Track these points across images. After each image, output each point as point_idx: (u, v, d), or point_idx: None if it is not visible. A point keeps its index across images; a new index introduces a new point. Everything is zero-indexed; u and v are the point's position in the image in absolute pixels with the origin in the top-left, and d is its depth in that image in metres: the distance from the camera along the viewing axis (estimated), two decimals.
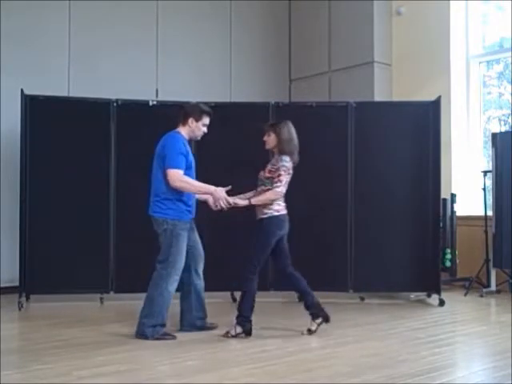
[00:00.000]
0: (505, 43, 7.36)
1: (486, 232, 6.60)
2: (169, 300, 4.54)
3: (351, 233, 6.09)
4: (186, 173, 4.56)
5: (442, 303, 5.85)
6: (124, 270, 5.97)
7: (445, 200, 6.49)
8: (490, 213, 6.62)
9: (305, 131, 6.05)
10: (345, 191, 6.09)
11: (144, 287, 5.73)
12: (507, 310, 5.60)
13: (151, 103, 6.14)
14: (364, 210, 6.09)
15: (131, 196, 5.86)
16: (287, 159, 4.60)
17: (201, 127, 4.69)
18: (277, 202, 4.61)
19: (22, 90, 5.80)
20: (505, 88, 7.54)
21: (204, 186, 4.60)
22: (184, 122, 4.68)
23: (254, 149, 6.10)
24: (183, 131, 4.69)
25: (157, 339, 4.43)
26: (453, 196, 6.71)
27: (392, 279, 6.05)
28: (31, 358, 3.95)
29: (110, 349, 4.18)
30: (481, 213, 6.78)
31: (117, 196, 6.02)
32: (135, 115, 6.05)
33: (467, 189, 7.37)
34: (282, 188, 4.57)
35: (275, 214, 4.59)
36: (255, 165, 6.07)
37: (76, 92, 6.69)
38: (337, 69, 8.10)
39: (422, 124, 6.11)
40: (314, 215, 6.05)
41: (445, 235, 6.47)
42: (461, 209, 6.84)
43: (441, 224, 6.24)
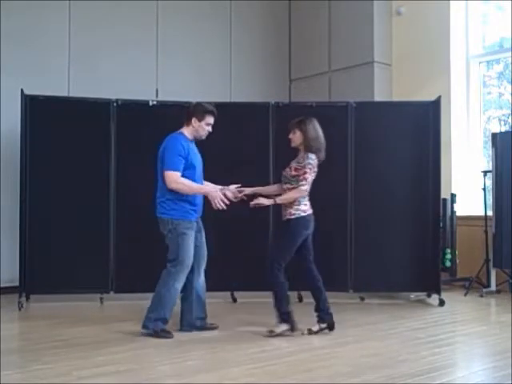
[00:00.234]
0: (505, 43, 7.36)
1: (486, 232, 6.60)
2: (175, 297, 4.61)
3: (351, 233, 6.09)
4: (187, 173, 4.58)
5: (442, 303, 5.85)
6: (124, 270, 5.97)
7: (445, 200, 6.50)
8: (490, 213, 6.63)
9: None
10: (345, 191, 6.09)
11: (144, 287, 5.76)
12: (507, 310, 5.60)
13: (151, 103, 6.14)
14: (364, 210, 6.09)
15: (131, 196, 5.88)
16: (313, 157, 4.61)
17: (204, 127, 4.69)
18: (303, 202, 4.63)
19: (22, 90, 5.80)
20: (505, 88, 7.54)
21: (200, 188, 4.63)
22: (188, 122, 4.71)
23: (254, 149, 6.15)
24: (187, 131, 4.72)
25: (155, 333, 4.49)
26: (453, 196, 6.71)
27: (392, 279, 6.05)
28: (31, 358, 3.95)
29: (110, 349, 4.18)
30: (481, 213, 6.78)
31: (117, 196, 6.02)
32: (135, 115, 6.05)
33: (467, 189, 7.37)
34: (307, 186, 4.60)
35: (302, 215, 4.62)
36: (255, 165, 6.10)
37: (76, 92, 6.69)
38: (337, 69, 8.10)
39: (422, 124, 6.11)
40: (314, 215, 6.04)
41: (445, 235, 6.47)
42: (461, 209, 6.84)
43: (441, 224, 6.24)
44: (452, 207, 6.65)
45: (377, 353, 4.11)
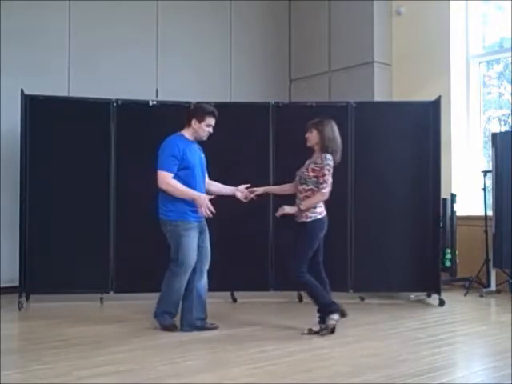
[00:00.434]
0: (505, 43, 7.36)
1: (486, 232, 6.60)
2: (178, 295, 4.68)
3: (351, 233, 6.09)
4: (182, 173, 4.63)
5: (442, 303, 5.85)
6: (124, 270, 5.97)
7: (445, 200, 6.49)
8: (490, 213, 6.63)
9: (305, 131, 6.09)
10: (345, 191, 6.08)
11: (144, 287, 5.77)
12: (507, 310, 5.60)
13: (151, 103, 6.14)
14: (364, 210, 6.09)
15: (131, 196, 5.87)
16: (331, 158, 4.60)
17: (204, 128, 4.71)
18: (319, 204, 4.63)
19: (22, 90, 5.80)
20: (505, 88, 7.54)
21: (187, 192, 4.62)
22: (188, 123, 4.74)
23: (254, 149, 6.15)
24: (187, 132, 4.76)
25: (162, 328, 4.68)
26: (453, 196, 6.71)
27: (392, 279, 6.05)
28: (31, 358, 3.95)
29: (110, 349, 4.18)
30: (481, 213, 6.78)
31: (117, 196, 6.02)
32: (135, 115, 6.05)
33: (467, 189, 7.37)
34: (328, 188, 4.59)
35: (318, 217, 4.62)
36: (255, 165, 6.10)
37: (76, 92, 6.69)
38: (337, 69, 8.09)
39: (422, 124, 6.11)
40: None
41: (445, 235, 6.47)
42: (461, 209, 6.84)
43: (441, 224, 6.24)
44: (452, 207, 6.65)
45: (377, 353, 4.11)
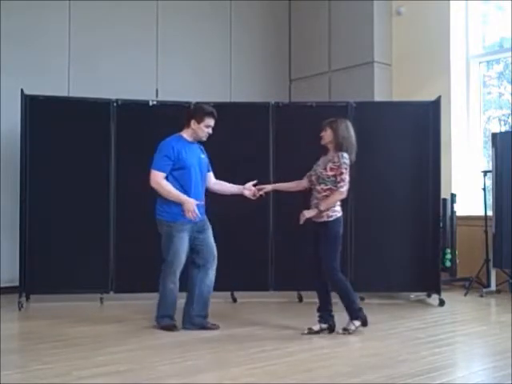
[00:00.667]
0: (505, 43, 7.36)
1: (486, 232, 6.60)
2: (171, 295, 4.71)
3: (351, 233, 6.08)
4: (177, 173, 4.67)
5: (442, 303, 5.85)
6: (124, 270, 5.97)
7: (445, 200, 6.49)
8: (490, 213, 6.63)
9: (305, 131, 6.09)
10: None
11: (144, 287, 5.77)
12: (507, 310, 5.60)
13: (151, 103, 6.14)
14: (364, 210, 6.08)
15: (131, 196, 5.87)
16: (347, 156, 4.62)
17: (204, 129, 4.73)
18: (337, 203, 4.65)
19: (22, 90, 5.79)
20: (505, 88, 7.54)
21: (176, 194, 4.64)
22: (187, 124, 4.77)
23: (254, 149, 6.14)
24: (186, 133, 4.78)
25: (162, 328, 4.69)
26: (453, 196, 6.71)
27: (392, 279, 6.05)
28: (31, 358, 3.95)
29: (110, 349, 4.18)
30: (481, 213, 6.78)
31: (117, 196, 6.02)
32: (135, 115, 6.05)
33: (467, 189, 7.36)
34: (346, 187, 4.60)
35: (338, 216, 4.65)
36: (255, 164, 6.10)
37: (76, 92, 6.69)
38: (337, 69, 8.09)
39: (422, 124, 6.11)
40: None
41: (445, 235, 6.47)
42: (461, 209, 6.84)
43: (441, 224, 6.24)
44: (452, 207, 6.65)
45: (377, 353, 4.11)
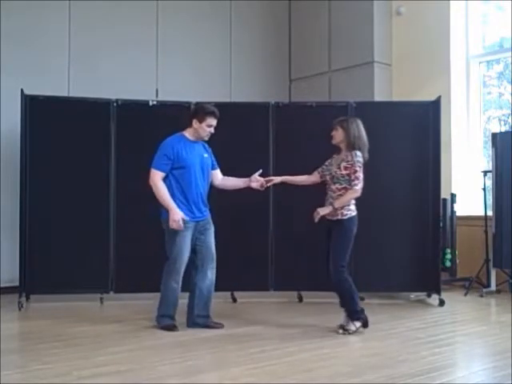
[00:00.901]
0: (505, 43, 7.36)
1: (486, 232, 6.60)
2: (173, 294, 4.72)
3: None
4: (177, 172, 4.69)
5: (442, 303, 5.85)
6: (124, 270, 5.96)
7: (445, 200, 6.49)
8: (490, 213, 6.63)
9: (305, 131, 6.09)
10: None
11: (144, 287, 5.77)
12: (507, 310, 5.60)
13: (151, 103, 6.14)
14: (364, 210, 6.04)
15: (131, 196, 5.87)
16: (360, 154, 4.63)
17: (205, 128, 4.74)
18: (352, 201, 4.67)
19: (22, 90, 5.79)
20: (505, 88, 7.54)
21: (166, 200, 4.67)
22: (189, 123, 4.79)
23: (254, 149, 6.14)
24: (188, 132, 4.81)
25: (162, 328, 4.69)
26: (453, 196, 6.71)
27: (392, 279, 6.05)
28: (31, 358, 3.95)
29: (110, 349, 4.18)
30: (481, 213, 6.78)
31: (117, 196, 6.02)
32: (135, 115, 6.04)
33: (467, 189, 7.37)
34: (360, 185, 4.62)
35: (353, 214, 4.67)
36: (255, 165, 6.08)
37: (76, 92, 6.69)
38: (337, 69, 8.09)
39: (422, 124, 6.11)
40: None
41: (445, 235, 6.46)
42: (461, 209, 6.84)
43: (441, 224, 6.24)
44: (452, 207, 6.65)
45: (377, 353, 4.11)
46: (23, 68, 6.61)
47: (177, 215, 4.61)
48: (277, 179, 4.97)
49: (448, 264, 6.50)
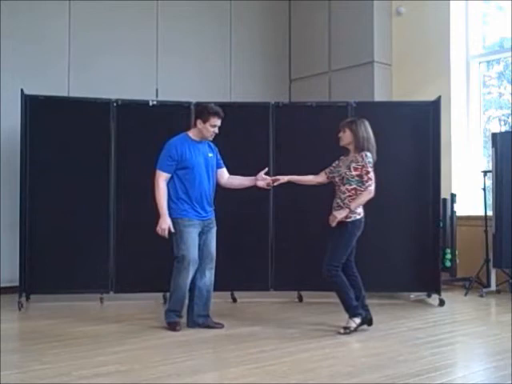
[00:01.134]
0: (505, 43, 7.36)
1: (486, 232, 6.60)
2: (183, 292, 4.73)
3: None
4: (181, 173, 4.71)
5: (442, 303, 5.85)
6: (124, 270, 5.96)
7: (445, 200, 6.49)
8: (490, 213, 6.63)
9: (305, 131, 6.09)
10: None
11: (144, 287, 5.78)
12: (507, 310, 5.60)
13: (151, 103, 6.14)
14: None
15: (131, 196, 5.87)
16: (370, 155, 4.64)
17: (209, 128, 4.76)
18: None
19: (22, 90, 5.79)
20: (505, 88, 7.54)
21: (161, 205, 4.71)
22: (194, 124, 4.83)
23: (254, 149, 6.14)
24: (192, 132, 4.84)
25: (168, 324, 4.72)
26: (453, 196, 6.71)
27: (392, 279, 6.04)
28: (31, 358, 3.94)
29: (110, 349, 4.18)
30: (481, 213, 6.78)
31: (117, 196, 6.02)
32: (135, 115, 6.05)
33: (467, 189, 7.37)
34: (374, 185, 4.63)
35: (358, 218, 4.67)
36: (255, 165, 6.08)
37: (76, 92, 6.69)
38: (337, 69, 8.09)
39: (422, 124, 6.10)
40: (314, 216, 6.04)
41: (445, 235, 6.47)
42: (461, 209, 6.84)
43: (441, 224, 6.24)
44: (452, 207, 6.65)
45: (377, 353, 4.11)
46: (23, 68, 6.61)
47: (165, 224, 4.67)
48: (283, 178, 4.95)
49: (448, 264, 6.50)
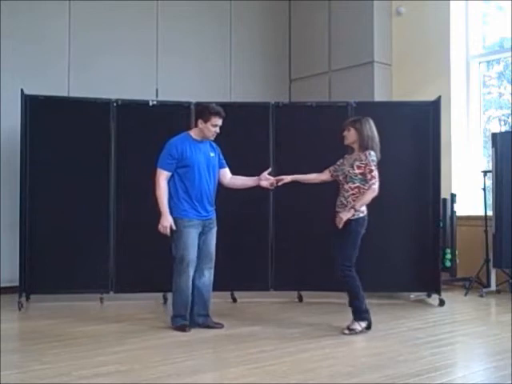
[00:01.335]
0: (505, 43, 7.36)
1: (486, 232, 6.60)
2: (186, 294, 4.72)
3: None
4: (181, 171, 4.71)
5: (442, 303, 5.85)
6: (124, 270, 5.96)
7: (445, 200, 6.49)
8: (490, 213, 6.63)
9: (305, 131, 6.09)
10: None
11: (144, 287, 5.78)
12: (507, 310, 5.60)
13: (151, 103, 6.14)
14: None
15: (131, 196, 5.87)
16: (374, 154, 4.65)
17: (210, 128, 4.76)
18: None
19: (22, 90, 5.79)
20: (505, 88, 7.54)
21: (161, 203, 4.71)
22: (195, 123, 4.84)
23: (254, 149, 6.14)
24: (194, 132, 4.86)
25: (175, 329, 4.69)
26: (453, 196, 6.71)
27: (392, 279, 6.04)
28: (31, 358, 3.94)
29: (110, 349, 4.18)
30: (481, 213, 6.78)
31: (117, 196, 6.02)
32: (135, 115, 6.05)
33: (467, 189, 7.37)
34: (378, 184, 4.63)
35: (361, 216, 4.67)
36: (255, 165, 6.09)
37: (76, 92, 6.69)
38: (337, 69, 8.09)
39: (422, 124, 6.10)
40: (314, 215, 6.05)
41: (445, 235, 6.47)
42: (461, 209, 6.84)
43: (441, 224, 6.24)
44: (452, 207, 6.65)
45: (377, 353, 4.11)
46: (23, 68, 6.61)
47: (166, 221, 4.66)
48: (287, 178, 4.94)
49: (448, 264, 6.50)
